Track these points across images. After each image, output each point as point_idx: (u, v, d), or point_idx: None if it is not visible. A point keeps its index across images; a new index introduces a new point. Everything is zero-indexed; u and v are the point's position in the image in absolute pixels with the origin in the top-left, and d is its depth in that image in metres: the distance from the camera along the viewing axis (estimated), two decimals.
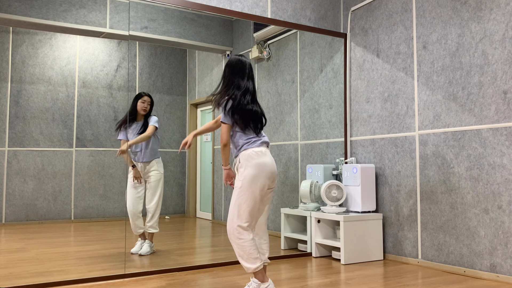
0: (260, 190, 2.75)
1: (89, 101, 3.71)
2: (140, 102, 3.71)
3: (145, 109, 3.72)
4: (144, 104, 3.72)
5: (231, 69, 2.90)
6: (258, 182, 2.74)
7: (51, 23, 3.48)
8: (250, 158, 2.76)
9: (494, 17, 3.42)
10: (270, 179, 2.80)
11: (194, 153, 4.20)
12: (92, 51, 3.72)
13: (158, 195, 3.76)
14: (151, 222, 3.73)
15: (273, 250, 4.34)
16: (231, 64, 2.91)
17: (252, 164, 2.75)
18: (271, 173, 2.81)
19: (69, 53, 3.62)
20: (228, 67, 2.91)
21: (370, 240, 4.11)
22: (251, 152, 2.78)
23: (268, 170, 2.78)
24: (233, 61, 2.91)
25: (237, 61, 2.91)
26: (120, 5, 3.70)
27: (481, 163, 3.47)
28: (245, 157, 2.77)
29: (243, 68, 2.90)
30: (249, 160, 2.76)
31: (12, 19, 3.36)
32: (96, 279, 3.25)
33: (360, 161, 4.54)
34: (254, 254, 2.70)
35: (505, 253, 3.29)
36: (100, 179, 3.72)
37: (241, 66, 2.90)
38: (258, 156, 2.78)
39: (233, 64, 2.90)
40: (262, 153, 2.80)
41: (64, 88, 3.61)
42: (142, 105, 3.70)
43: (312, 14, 4.59)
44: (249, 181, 2.73)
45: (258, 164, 2.75)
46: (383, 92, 4.31)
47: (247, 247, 2.70)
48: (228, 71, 2.91)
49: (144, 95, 3.73)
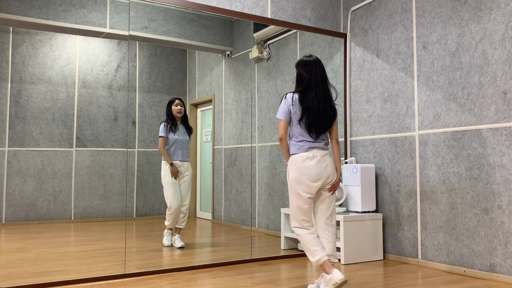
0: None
1: (89, 101, 3.71)
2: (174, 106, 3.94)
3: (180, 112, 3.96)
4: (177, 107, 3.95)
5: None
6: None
7: (51, 23, 3.48)
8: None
9: (494, 17, 3.42)
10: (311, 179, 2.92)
11: (194, 153, 4.20)
12: (92, 51, 3.72)
13: (190, 193, 4.05)
14: (185, 217, 3.96)
15: (273, 250, 4.34)
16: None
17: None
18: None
19: (69, 53, 3.62)
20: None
21: (370, 240, 4.11)
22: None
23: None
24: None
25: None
26: (120, 5, 3.70)
27: (481, 163, 3.47)
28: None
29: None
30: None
31: (12, 19, 3.36)
32: (96, 279, 3.25)
33: (360, 161, 4.54)
34: (312, 247, 2.82)
35: (505, 253, 3.29)
36: (100, 179, 3.72)
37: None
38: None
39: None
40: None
41: (64, 88, 3.61)
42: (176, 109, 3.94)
43: (312, 14, 4.59)
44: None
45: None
46: (383, 92, 4.31)
47: (304, 242, 2.86)
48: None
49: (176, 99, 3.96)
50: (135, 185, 3.79)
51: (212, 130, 4.24)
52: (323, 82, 2.96)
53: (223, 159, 4.25)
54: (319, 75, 2.95)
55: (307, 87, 2.93)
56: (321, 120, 2.91)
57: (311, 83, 2.93)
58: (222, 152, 4.25)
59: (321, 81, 2.94)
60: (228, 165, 4.26)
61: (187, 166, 3.98)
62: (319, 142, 2.94)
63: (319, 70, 2.96)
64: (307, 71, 2.95)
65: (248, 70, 4.31)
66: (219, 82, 4.26)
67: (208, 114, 4.25)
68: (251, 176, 4.25)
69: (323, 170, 2.90)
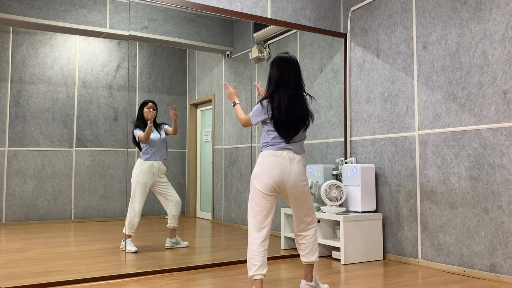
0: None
1: (89, 101, 3.71)
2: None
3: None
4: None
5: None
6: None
7: (51, 23, 3.48)
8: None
9: (494, 17, 3.42)
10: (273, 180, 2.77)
11: (194, 153, 4.20)
12: (92, 51, 3.72)
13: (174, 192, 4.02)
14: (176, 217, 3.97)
15: (273, 250, 4.34)
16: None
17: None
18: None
19: (69, 53, 3.62)
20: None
21: (370, 240, 4.11)
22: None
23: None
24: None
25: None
26: (120, 5, 3.70)
27: (481, 163, 3.47)
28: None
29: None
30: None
31: (12, 19, 3.36)
32: (96, 279, 3.25)
33: (360, 161, 4.54)
34: (252, 261, 2.69)
35: (505, 253, 3.29)
36: (100, 179, 3.72)
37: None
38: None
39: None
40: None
41: (64, 88, 3.61)
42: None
43: (312, 14, 4.59)
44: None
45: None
46: (383, 92, 4.31)
47: (249, 251, 2.74)
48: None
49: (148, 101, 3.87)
50: None
51: (212, 130, 4.24)
52: (296, 81, 2.80)
53: (223, 159, 4.25)
54: (292, 73, 2.80)
55: (277, 86, 2.78)
56: (290, 121, 2.74)
57: (283, 81, 2.78)
58: (222, 152, 4.25)
59: (294, 80, 2.79)
60: (228, 165, 4.26)
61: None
62: (291, 144, 2.79)
63: (293, 68, 2.81)
64: (279, 67, 2.80)
65: (248, 70, 4.31)
66: (219, 82, 4.26)
67: (208, 114, 4.25)
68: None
69: (286, 173, 2.75)
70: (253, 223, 2.75)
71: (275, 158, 2.75)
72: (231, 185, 4.25)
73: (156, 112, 3.81)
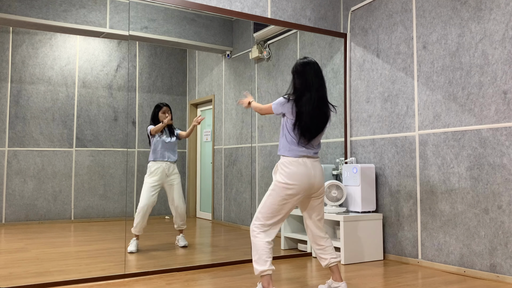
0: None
1: (89, 101, 3.71)
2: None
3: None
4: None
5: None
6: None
7: (51, 23, 3.48)
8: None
9: (494, 17, 3.42)
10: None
11: (194, 153, 4.20)
12: (92, 51, 3.72)
13: (182, 196, 4.07)
14: (183, 220, 4.02)
15: (273, 250, 4.34)
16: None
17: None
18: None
19: (69, 53, 3.62)
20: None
21: (370, 240, 4.11)
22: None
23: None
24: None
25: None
26: (120, 5, 3.70)
27: (481, 163, 3.47)
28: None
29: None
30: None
31: (12, 19, 3.36)
32: (96, 279, 3.25)
33: (360, 161, 4.54)
34: (264, 257, 2.75)
35: (505, 253, 3.29)
36: (100, 179, 3.72)
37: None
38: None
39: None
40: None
41: (64, 88, 3.61)
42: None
43: (312, 14, 4.59)
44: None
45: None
46: (383, 92, 4.31)
47: (258, 248, 2.78)
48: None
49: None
50: (135, 185, 3.79)
51: (212, 130, 4.24)
52: (320, 85, 2.84)
53: (223, 159, 4.25)
54: (314, 76, 2.83)
55: (302, 91, 2.81)
56: (314, 125, 2.79)
57: (307, 85, 2.81)
58: (222, 152, 4.25)
59: (317, 83, 2.83)
60: (228, 165, 4.26)
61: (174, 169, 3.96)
62: (309, 149, 2.84)
63: (316, 72, 2.84)
64: (302, 73, 2.83)
65: (248, 70, 4.31)
66: (219, 82, 4.26)
67: (208, 114, 4.25)
68: (251, 176, 4.25)
69: (312, 177, 2.82)
70: (269, 221, 2.84)
71: (304, 169, 2.81)
72: (231, 185, 4.25)
73: (171, 115, 3.91)
